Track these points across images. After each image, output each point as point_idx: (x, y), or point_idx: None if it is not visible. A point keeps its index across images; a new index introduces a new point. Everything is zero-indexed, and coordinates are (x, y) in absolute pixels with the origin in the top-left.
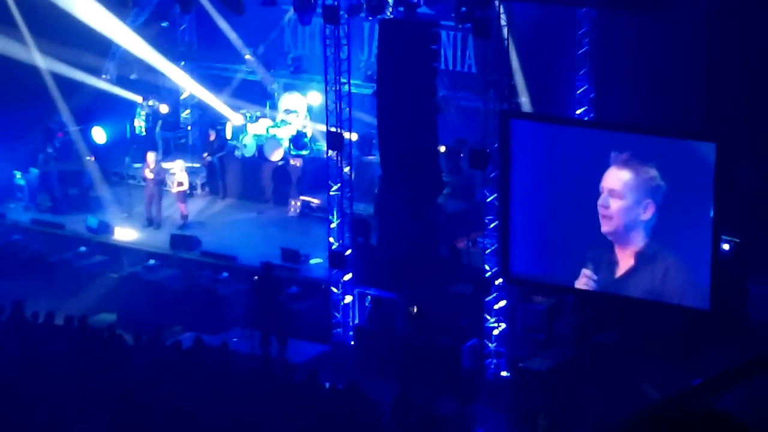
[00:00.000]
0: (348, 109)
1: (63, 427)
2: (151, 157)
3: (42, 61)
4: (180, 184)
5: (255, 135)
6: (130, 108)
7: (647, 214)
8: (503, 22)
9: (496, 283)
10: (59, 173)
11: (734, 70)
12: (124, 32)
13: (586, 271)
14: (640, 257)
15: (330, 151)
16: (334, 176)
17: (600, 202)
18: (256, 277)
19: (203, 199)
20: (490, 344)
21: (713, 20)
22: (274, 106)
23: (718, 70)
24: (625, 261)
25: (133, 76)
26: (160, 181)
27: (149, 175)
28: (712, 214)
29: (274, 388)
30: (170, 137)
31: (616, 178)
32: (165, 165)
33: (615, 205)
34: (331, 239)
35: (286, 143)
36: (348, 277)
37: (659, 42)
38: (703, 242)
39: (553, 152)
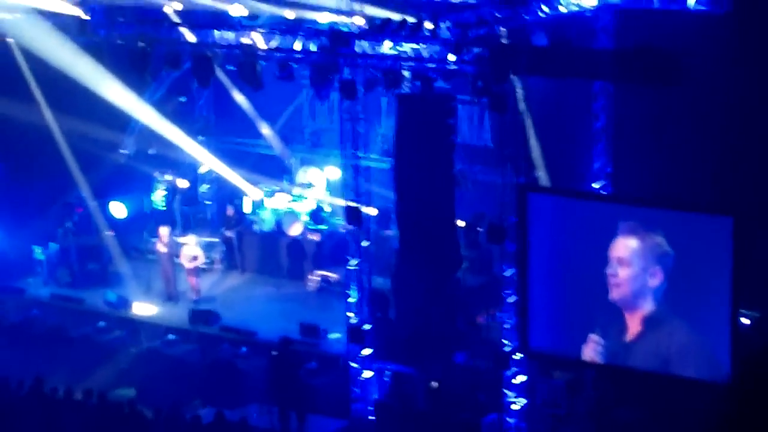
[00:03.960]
0: (366, 183)
1: None
2: (164, 231)
3: (61, 136)
4: (194, 258)
5: (273, 209)
6: (148, 182)
7: (655, 280)
8: (520, 96)
9: (515, 357)
10: (78, 248)
11: (751, 142)
12: (143, 107)
13: (593, 337)
14: (648, 322)
15: (348, 226)
16: (352, 251)
17: (608, 270)
18: (274, 352)
19: (221, 274)
20: (509, 419)
21: (730, 93)
22: (292, 181)
23: (735, 143)
24: (633, 326)
25: (151, 151)
26: (174, 255)
27: (162, 249)
28: (730, 287)
29: None
30: (189, 212)
31: (624, 246)
32: (179, 240)
33: (623, 272)
34: (350, 314)
35: (304, 217)
36: (367, 351)
37: (676, 115)
38: (719, 314)
39: (569, 225)
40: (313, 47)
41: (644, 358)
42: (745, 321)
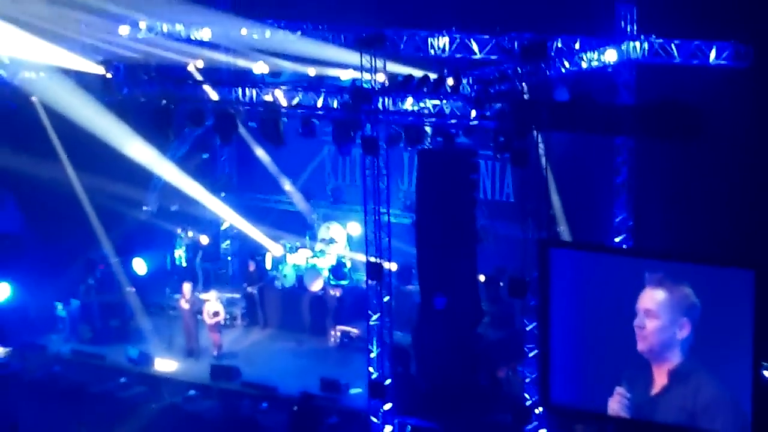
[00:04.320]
0: (387, 238)
1: None
2: (186, 287)
3: (83, 193)
4: (215, 314)
5: (294, 265)
6: (170, 239)
7: (683, 332)
8: (541, 152)
9: (537, 411)
10: (100, 304)
11: None
12: (165, 164)
13: (619, 389)
14: (674, 375)
15: (369, 281)
16: (373, 306)
17: (636, 322)
18: (295, 408)
19: (243, 330)
20: None
21: (751, 148)
22: (313, 237)
23: (757, 197)
24: (660, 379)
25: (173, 208)
26: (197, 312)
27: (185, 305)
28: (752, 340)
29: None
30: (210, 268)
31: (651, 298)
32: (201, 296)
33: (651, 325)
34: (371, 369)
35: (325, 273)
36: (388, 406)
37: (697, 169)
38: (743, 366)
39: (591, 279)
40: (335, 104)
41: (670, 412)
42: (766, 374)
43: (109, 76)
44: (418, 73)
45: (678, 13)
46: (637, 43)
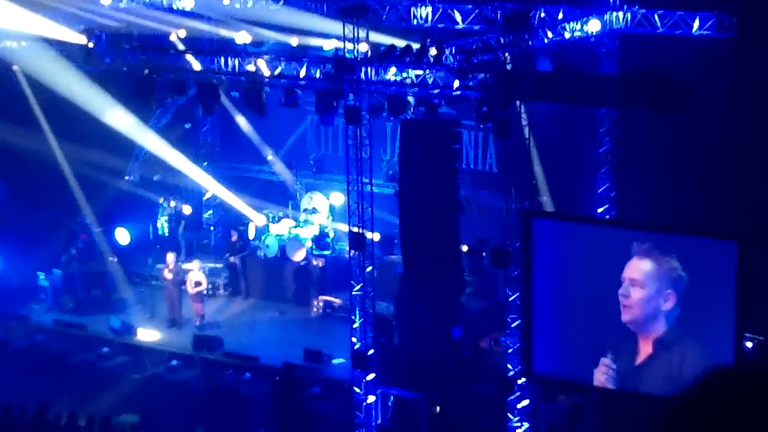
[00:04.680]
0: (370, 208)
1: None
2: (170, 257)
3: (65, 163)
4: (198, 284)
5: (277, 235)
6: (153, 209)
7: (668, 304)
8: (524, 122)
9: (519, 382)
10: (82, 274)
11: (756, 167)
12: (147, 134)
13: (605, 360)
14: (659, 344)
15: (352, 251)
16: (356, 276)
17: (621, 291)
18: (278, 378)
19: (225, 300)
20: None
21: (734, 118)
22: (296, 207)
23: (739, 167)
24: (645, 348)
25: (156, 177)
26: (180, 282)
27: (168, 275)
28: (734, 311)
29: None
30: (193, 238)
31: (638, 267)
32: (183, 266)
33: (636, 294)
34: (354, 339)
35: (308, 243)
36: (370, 377)
37: (680, 140)
38: (726, 337)
39: (575, 249)
40: (317, 74)
41: (655, 382)
42: (748, 344)
43: (91, 45)
44: (400, 43)
45: None
46: (620, 13)
